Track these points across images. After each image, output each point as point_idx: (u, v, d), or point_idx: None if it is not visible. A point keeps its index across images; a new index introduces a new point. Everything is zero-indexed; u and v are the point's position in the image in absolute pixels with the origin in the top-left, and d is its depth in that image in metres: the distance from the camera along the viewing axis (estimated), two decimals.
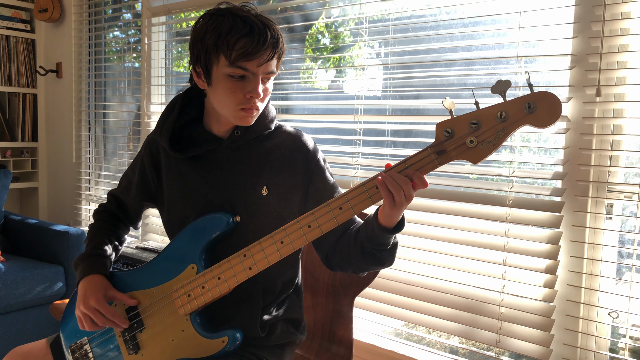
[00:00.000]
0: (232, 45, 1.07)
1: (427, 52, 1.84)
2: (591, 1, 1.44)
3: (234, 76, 1.10)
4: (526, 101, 0.93)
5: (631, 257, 1.47)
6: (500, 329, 1.63)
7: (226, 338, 1.16)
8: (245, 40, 1.07)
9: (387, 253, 1.15)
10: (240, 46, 1.07)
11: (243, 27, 1.07)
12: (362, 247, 1.14)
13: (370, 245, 1.13)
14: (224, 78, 1.11)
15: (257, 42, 1.07)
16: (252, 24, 1.08)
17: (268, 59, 1.10)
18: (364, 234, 1.13)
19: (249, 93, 1.12)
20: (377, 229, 1.09)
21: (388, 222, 1.08)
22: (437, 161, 1.01)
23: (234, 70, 1.09)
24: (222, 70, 1.10)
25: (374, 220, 1.10)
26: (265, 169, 1.22)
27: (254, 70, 1.10)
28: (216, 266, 1.15)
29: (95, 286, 1.20)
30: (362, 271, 1.22)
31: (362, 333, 1.95)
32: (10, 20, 3.20)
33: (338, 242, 1.22)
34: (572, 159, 1.49)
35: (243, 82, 1.11)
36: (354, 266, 1.20)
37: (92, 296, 1.18)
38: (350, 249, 1.18)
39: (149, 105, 2.74)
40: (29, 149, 3.35)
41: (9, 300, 2.39)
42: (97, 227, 1.34)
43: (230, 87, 1.11)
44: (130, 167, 1.38)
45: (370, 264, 1.17)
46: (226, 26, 1.08)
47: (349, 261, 1.20)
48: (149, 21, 2.70)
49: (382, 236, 1.10)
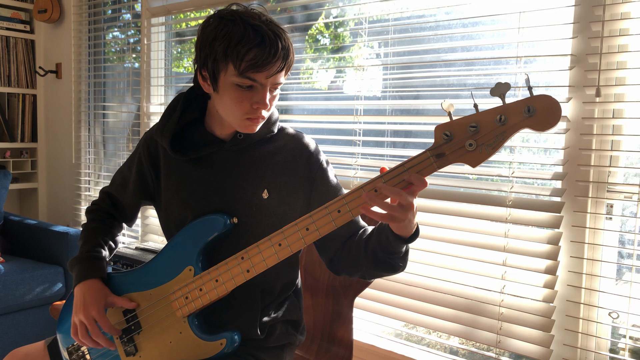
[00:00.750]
0: (242, 56, 1.04)
1: (427, 53, 1.84)
2: (591, 1, 1.44)
3: (242, 86, 1.08)
4: (526, 105, 0.92)
5: (631, 258, 1.47)
6: (500, 329, 1.63)
7: (224, 340, 1.15)
8: (256, 51, 1.03)
9: (401, 260, 1.13)
10: (250, 57, 1.04)
11: (254, 38, 1.03)
12: (375, 255, 1.12)
13: (384, 254, 1.11)
14: (232, 87, 1.08)
15: (267, 54, 1.04)
16: (264, 33, 1.04)
17: (278, 71, 1.08)
18: (377, 242, 1.11)
19: (256, 104, 1.09)
20: (391, 238, 1.07)
21: (403, 232, 1.05)
22: (435, 164, 0.99)
23: (243, 80, 1.06)
24: (230, 79, 1.07)
25: (388, 229, 1.07)
26: (267, 172, 1.21)
27: (263, 82, 1.07)
28: (214, 268, 1.15)
29: (95, 294, 1.19)
30: (372, 277, 1.21)
31: (362, 334, 1.94)
32: (9, 21, 3.20)
33: (344, 247, 1.21)
34: (572, 160, 1.48)
35: (251, 92, 1.09)
36: (362, 272, 1.18)
37: (93, 305, 1.17)
38: (360, 256, 1.16)
39: (149, 105, 2.73)
40: (29, 149, 3.35)
41: (8, 301, 2.39)
42: (91, 227, 1.32)
43: (238, 97, 1.09)
44: (126, 165, 1.35)
45: (383, 271, 1.15)
46: (237, 34, 1.04)
47: (357, 267, 1.18)
48: (148, 22, 2.70)
49: (396, 245, 1.07)
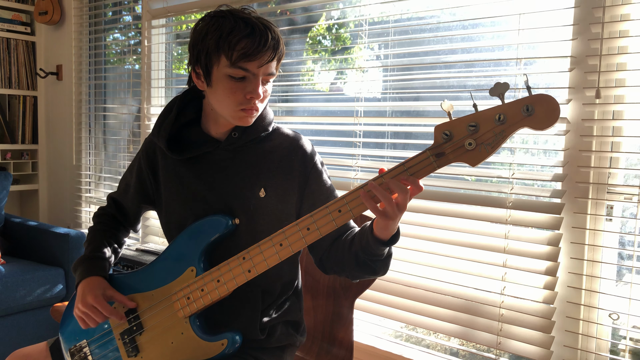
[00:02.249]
0: (233, 46, 1.07)
1: (427, 54, 1.84)
2: (591, 3, 1.44)
3: (235, 77, 1.11)
4: (524, 104, 0.93)
5: (631, 259, 1.47)
6: (500, 330, 1.63)
7: (225, 341, 1.16)
8: (246, 41, 1.07)
9: (381, 264, 1.14)
10: (241, 47, 1.07)
11: (244, 28, 1.08)
12: (357, 256, 1.14)
13: (365, 256, 1.12)
14: (225, 78, 1.11)
15: (258, 43, 1.08)
16: (254, 25, 1.09)
17: (269, 60, 1.11)
18: (359, 243, 1.13)
19: (249, 94, 1.12)
20: (371, 240, 1.09)
21: (383, 235, 1.07)
22: (435, 164, 1.00)
23: (235, 71, 1.10)
24: (223, 71, 1.11)
25: (368, 231, 1.10)
26: (263, 171, 1.22)
27: (255, 71, 1.11)
28: (215, 269, 1.15)
29: (93, 287, 1.20)
30: (355, 278, 1.22)
31: (362, 335, 1.95)
32: (10, 23, 3.21)
33: (332, 246, 1.22)
34: (572, 161, 1.49)
35: (243, 83, 1.12)
36: (347, 272, 1.20)
37: (90, 294, 1.19)
38: (344, 257, 1.18)
39: (149, 107, 2.74)
40: (29, 151, 3.35)
41: (9, 303, 2.39)
42: (96, 229, 1.34)
43: (231, 88, 1.11)
44: (128, 169, 1.38)
45: (363, 273, 1.17)
46: (227, 27, 1.08)
47: (342, 267, 1.20)
48: (148, 23, 2.71)
49: (376, 248, 1.10)
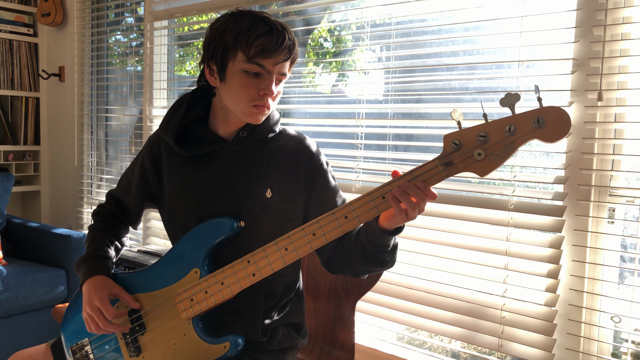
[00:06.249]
0: (251, 42, 1.10)
1: (429, 56, 1.84)
2: (592, 6, 1.44)
3: (250, 72, 1.13)
4: (535, 115, 0.93)
5: (633, 261, 1.47)
6: (502, 333, 1.63)
7: (228, 343, 1.16)
8: (264, 39, 1.11)
9: (388, 254, 1.16)
10: (259, 43, 1.10)
11: (263, 26, 1.12)
12: (363, 249, 1.15)
13: (372, 248, 1.14)
14: (239, 73, 1.13)
15: (275, 41, 1.11)
16: (272, 24, 1.13)
17: (284, 60, 1.14)
18: (365, 236, 1.14)
19: (262, 90, 1.14)
20: (378, 231, 1.10)
21: (389, 226, 1.09)
22: (444, 173, 1.00)
23: (251, 66, 1.12)
24: (239, 66, 1.13)
25: (374, 222, 1.11)
26: (269, 171, 1.22)
27: (270, 68, 1.13)
28: (219, 271, 1.15)
29: (98, 287, 1.20)
30: (363, 273, 1.23)
31: (363, 337, 1.94)
32: (13, 24, 3.21)
33: (338, 245, 1.22)
34: (574, 163, 1.49)
35: (258, 79, 1.14)
36: (354, 268, 1.21)
37: (96, 296, 1.19)
38: (350, 252, 1.18)
39: (151, 109, 2.74)
40: (31, 152, 3.36)
41: (10, 304, 2.39)
42: (97, 228, 1.34)
43: (245, 83, 1.13)
44: (130, 167, 1.37)
45: (371, 266, 1.18)
46: (247, 24, 1.12)
47: (349, 264, 1.20)
48: (151, 25, 2.71)
49: (383, 238, 1.11)
